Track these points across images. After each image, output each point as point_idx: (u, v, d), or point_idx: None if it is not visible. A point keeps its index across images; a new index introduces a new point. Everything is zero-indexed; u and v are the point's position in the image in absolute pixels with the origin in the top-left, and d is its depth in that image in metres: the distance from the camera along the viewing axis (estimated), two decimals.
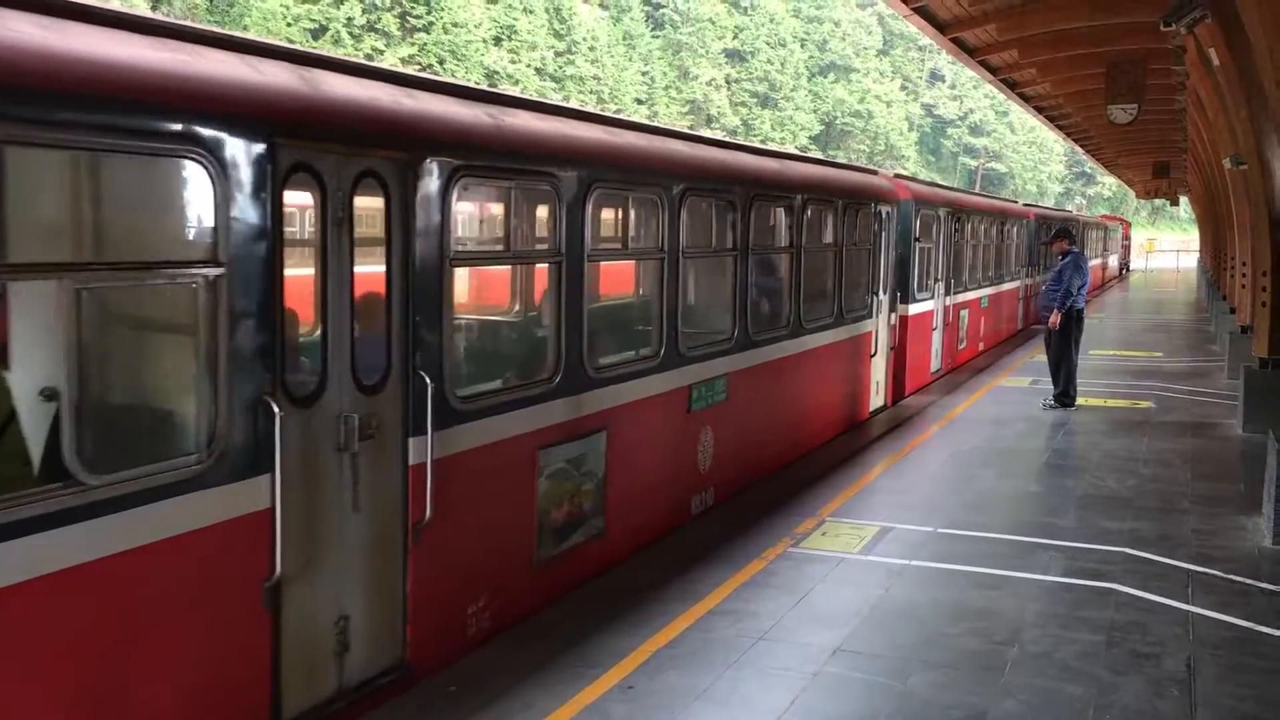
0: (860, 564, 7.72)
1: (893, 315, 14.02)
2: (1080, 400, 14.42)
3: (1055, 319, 13.98)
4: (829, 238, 11.69)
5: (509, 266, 9.00)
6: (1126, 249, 60.43)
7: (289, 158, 4.80)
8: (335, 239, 5.10)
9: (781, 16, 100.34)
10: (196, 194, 4.49)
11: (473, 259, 7.61)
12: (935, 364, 17.00)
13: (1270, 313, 12.46)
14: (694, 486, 8.79)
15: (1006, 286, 23.26)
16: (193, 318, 4.51)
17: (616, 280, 10.94)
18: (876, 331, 13.28)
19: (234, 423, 4.58)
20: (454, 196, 5.76)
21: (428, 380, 5.52)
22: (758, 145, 11.43)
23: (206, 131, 4.40)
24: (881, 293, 13.43)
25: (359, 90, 5.29)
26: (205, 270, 4.47)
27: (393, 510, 5.49)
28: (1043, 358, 15.20)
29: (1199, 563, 7.84)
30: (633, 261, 9.27)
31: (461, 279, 7.74)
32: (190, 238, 4.64)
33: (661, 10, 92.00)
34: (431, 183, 5.62)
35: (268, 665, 4.78)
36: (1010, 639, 6.37)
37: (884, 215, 13.35)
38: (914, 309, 15.37)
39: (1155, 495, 9.84)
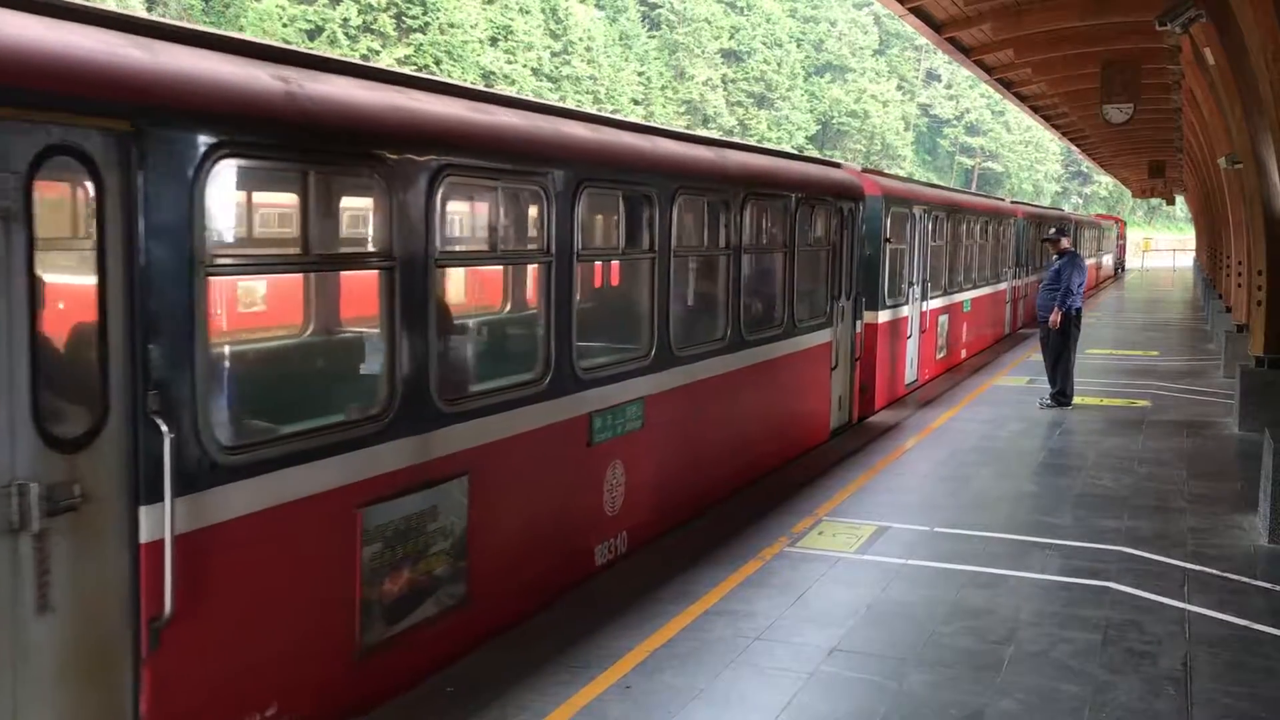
0: (857, 563, 7.72)
1: (858, 323, 12.70)
2: (1077, 399, 14.43)
3: (1055, 318, 13.98)
4: (778, 238, 10.44)
5: (318, 275, 7.02)
6: (1121, 248, 59.58)
7: None
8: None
9: (778, 17, 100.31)
10: None
11: (247, 266, 6.12)
12: (911, 374, 15.82)
13: (1266, 311, 12.47)
14: (599, 533, 7.44)
15: (992, 289, 22.08)
16: None
17: (489, 290, 9.30)
18: (836, 341, 11.96)
19: None
20: (212, 183, 4.42)
21: (164, 428, 4.13)
22: (685, 130, 10.11)
23: None
24: (844, 298, 12.18)
25: (45, 34, 3.88)
26: None
27: (113, 606, 4.10)
28: (1038, 357, 15.21)
29: (1195, 561, 7.86)
30: (510, 268, 7.73)
31: (242, 293, 6.36)
32: None
33: (657, 10, 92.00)
34: (174, 164, 4.22)
35: None
36: (1007, 638, 6.37)
37: (846, 213, 12.07)
38: (884, 316, 14.15)
39: (1152, 494, 9.85)
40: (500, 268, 9.32)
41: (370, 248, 5.72)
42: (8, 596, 3.80)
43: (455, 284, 9.54)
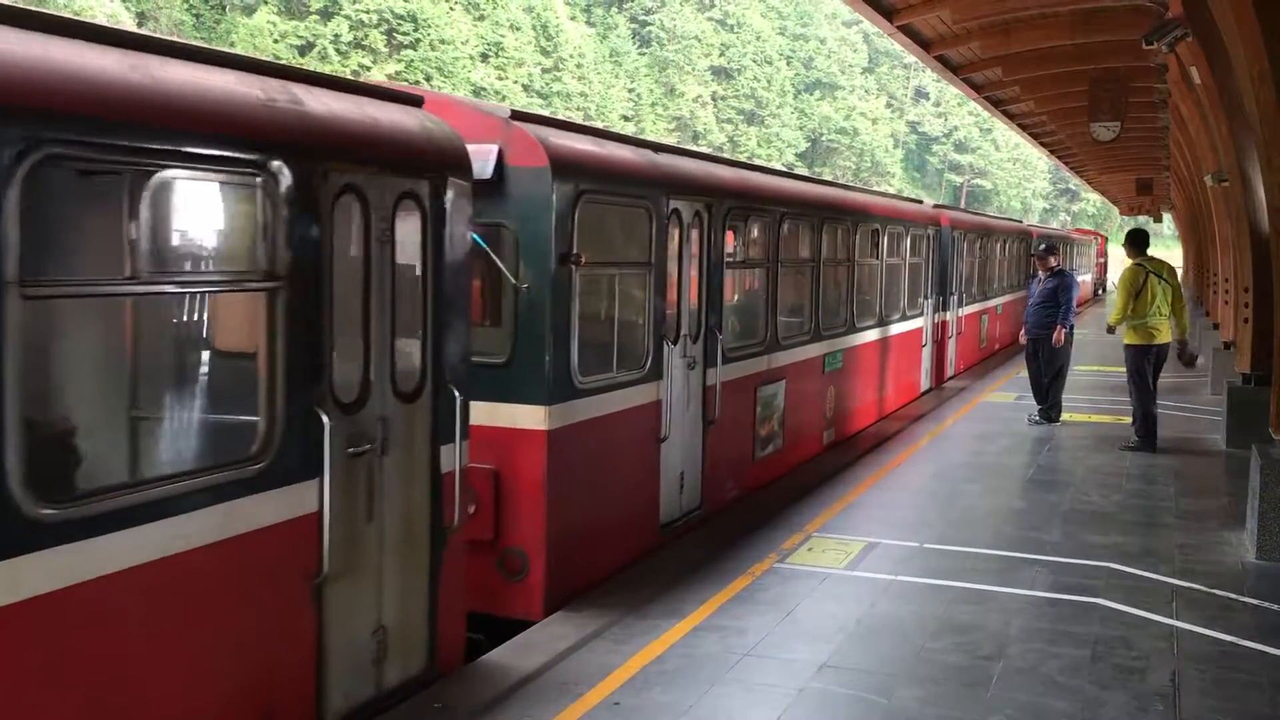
0: (846, 579, 7.72)
1: (461, 448, 5.79)
2: (1065, 416, 14.49)
3: (1059, 335, 14.11)
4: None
5: None
6: (1102, 266, 53.10)
7: None
8: None
9: (768, 34, 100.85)
10: None
11: None
12: (683, 502, 8.70)
13: (1253, 329, 12.55)
14: None
15: (899, 329, 15.29)
16: None
17: None
18: (331, 515, 4.89)
19: None
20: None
21: None
22: None
23: None
24: (399, 397, 5.42)
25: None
26: None
27: None
28: (1023, 373, 15.26)
29: (1183, 578, 7.87)
30: None
31: None
32: None
33: (648, 27, 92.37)
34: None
35: None
36: (996, 654, 6.37)
37: (436, 210, 5.59)
38: (580, 410, 7.10)
39: (1140, 510, 9.87)
40: None
41: None
42: None
43: None
